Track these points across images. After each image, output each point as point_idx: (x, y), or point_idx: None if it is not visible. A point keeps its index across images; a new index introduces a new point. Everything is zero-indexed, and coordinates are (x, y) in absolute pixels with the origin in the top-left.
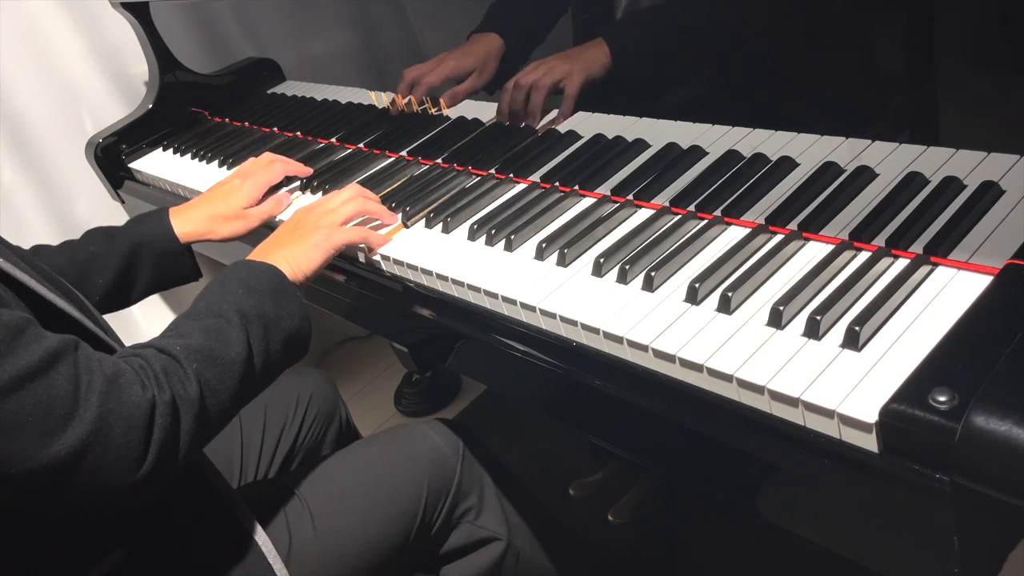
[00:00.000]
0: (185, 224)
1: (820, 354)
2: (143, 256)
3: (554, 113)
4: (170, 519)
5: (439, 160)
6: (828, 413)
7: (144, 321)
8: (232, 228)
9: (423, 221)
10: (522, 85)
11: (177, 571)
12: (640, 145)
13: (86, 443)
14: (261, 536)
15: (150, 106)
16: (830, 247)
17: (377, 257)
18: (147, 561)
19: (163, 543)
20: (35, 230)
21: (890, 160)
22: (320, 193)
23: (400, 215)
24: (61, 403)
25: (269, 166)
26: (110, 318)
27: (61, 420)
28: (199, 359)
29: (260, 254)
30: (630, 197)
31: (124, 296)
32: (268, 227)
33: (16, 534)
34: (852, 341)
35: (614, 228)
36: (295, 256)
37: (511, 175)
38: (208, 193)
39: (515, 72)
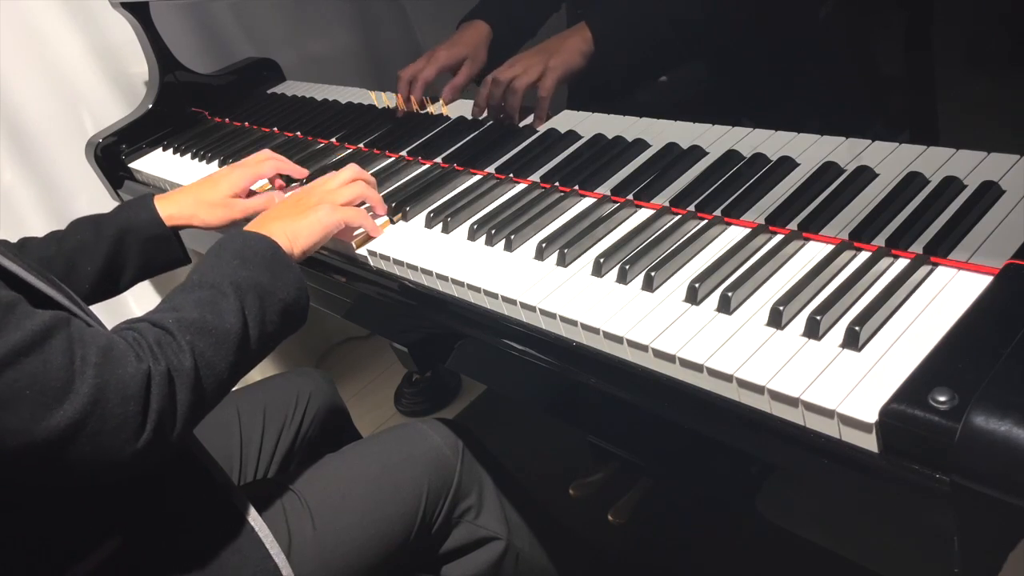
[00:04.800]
0: (170, 207)
1: (820, 354)
2: (130, 242)
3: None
4: (167, 507)
5: (439, 160)
6: (828, 413)
7: (138, 310)
8: (216, 215)
9: (423, 220)
10: (500, 81)
11: (174, 559)
12: (640, 145)
13: (83, 415)
14: (258, 523)
15: (150, 106)
16: (830, 247)
17: (364, 252)
18: (144, 548)
19: (160, 531)
20: (35, 230)
21: (890, 160)
22: None
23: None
24: (57, 376)
25: (262, 162)
26: (102, 306)
27: (57, 393)
28: (193, 331)
29: (257, 225)
30: (630, 197)
31: (113, 283)
32: None
33: (12, 520)
34: (852, 341)
35: (614, 228)
36: (294, 230)
37: (511, 175)
38: (196, 181)
39: (503, 61)
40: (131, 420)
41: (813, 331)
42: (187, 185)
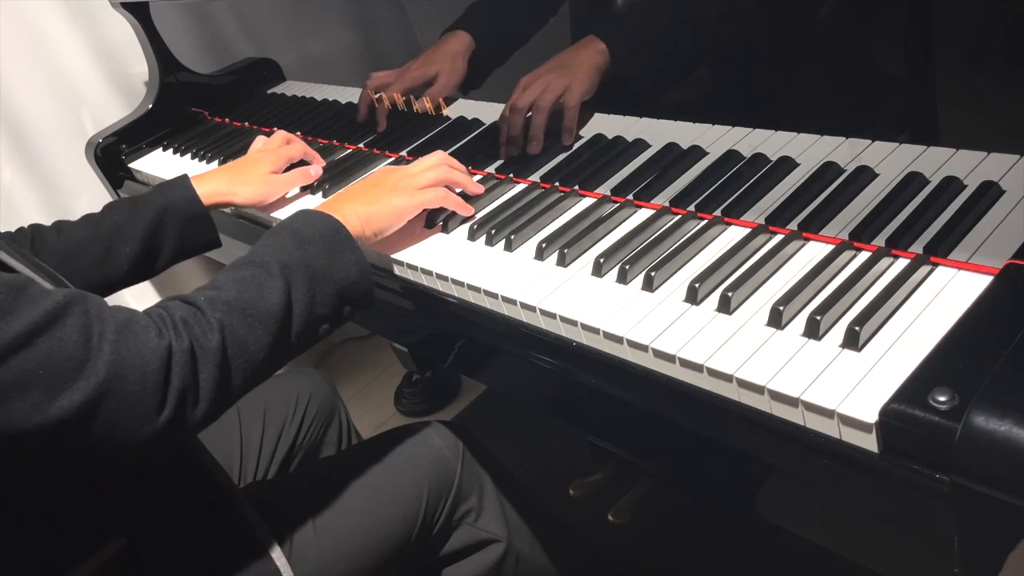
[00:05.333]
0: (207, 185)
1: (820, 354)
2: (169, 222)
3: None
4: (169, 507)
5: None
6: (828, 413)
7: (137, 307)
8: (254, 191)
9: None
10: (520, 108)
11: (175, 559)
12: (640, 145)
13: (100, 392)
14: (258, 524)
15: (150, 106)
16: (830, 247)
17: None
18: (146, 549)
19: (162, 531)
20: None
21: (890, 160)
22: (319, 193)
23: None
24: (72, 355)
25: (287, 145)
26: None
27: (72, 372)
28: (225, 309)
29: (329, 205)
30: (630, 197)
31: (150, 265)
32: (261, 223)
33: (16, 520)
34: (852, 341)
35: (614, 228)
36: (367, 213)
37: (511, 175)
38: (231, 163)
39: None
40: (150, 397)
41: (813, 331)
42: (222, 166)
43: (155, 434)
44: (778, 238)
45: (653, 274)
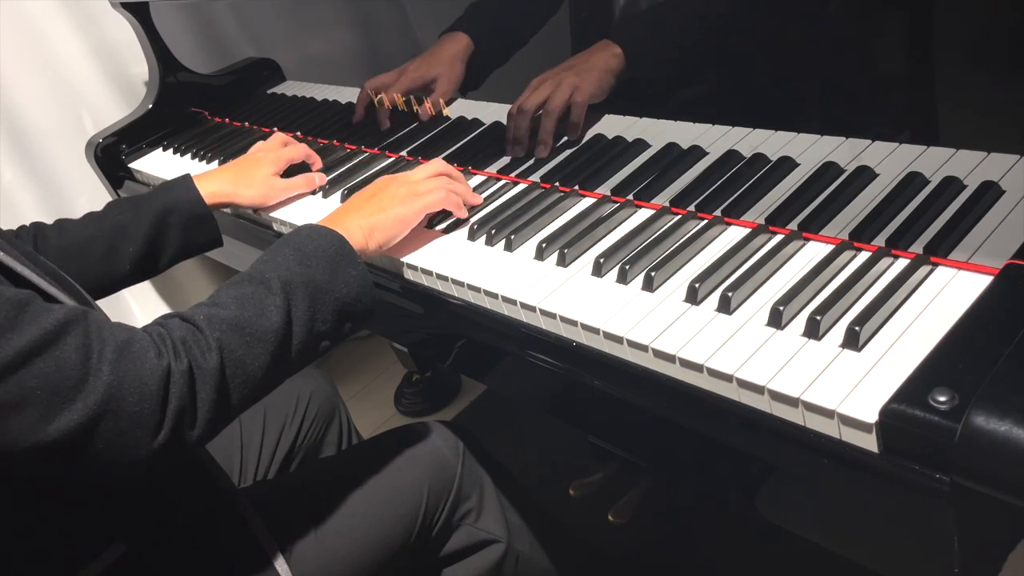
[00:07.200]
0: (210, 185)
1: (820, 354)
2: (172, 222)
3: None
4: (171, 513)
5: None
6: (828, 413)
7: (137, 308)
8: (257, 192)
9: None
10: (527, 109)
11: (177, 565)
12: (640, 145)
13: (98, 413)
14: (258, 525)
15: (150, 106)
16: (830, 247)
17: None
18: (148, 555)
19: (164, 536)
20: None
21: (890, 160)
22: (319, 194)
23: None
24: (70, 375)
25: (287, 147)
26: (108, 301)
27: (70, 392)
28: (224, 328)
29: (332, 218)
30: (630, 197)
31: (152, 264)
32: (260, 224)
33: (16, 527)
34: (852, 341)
35: (614, 228)
36: (371, 225)
37: (511, 175)
38: (232, 162)
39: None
40: (148, 419)
41: (813, 331)
42: (224, 165)
43: (152, 454)
44: (778, 238)
45: (653, 274)
